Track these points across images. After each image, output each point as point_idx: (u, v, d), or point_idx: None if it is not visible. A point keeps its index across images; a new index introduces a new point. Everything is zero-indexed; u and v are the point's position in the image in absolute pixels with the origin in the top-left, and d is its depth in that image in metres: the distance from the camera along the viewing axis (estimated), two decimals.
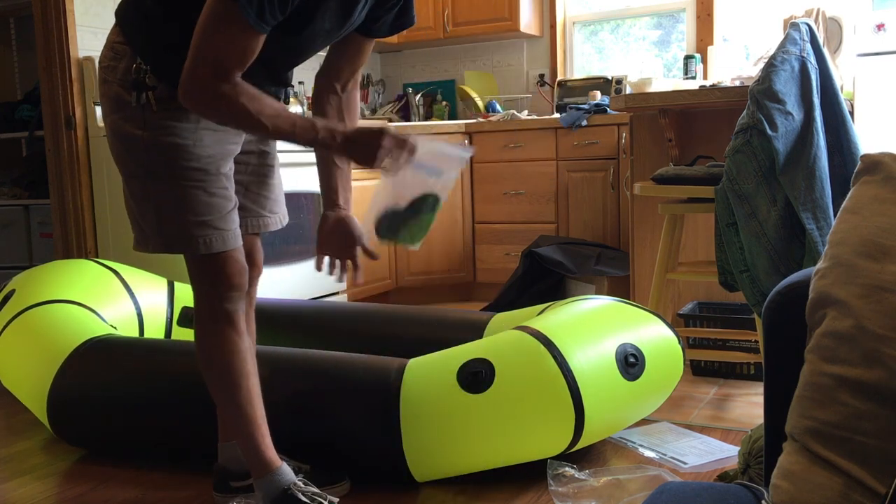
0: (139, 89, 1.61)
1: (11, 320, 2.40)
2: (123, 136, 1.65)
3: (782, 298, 1.13)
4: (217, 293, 1.70)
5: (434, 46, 5.29)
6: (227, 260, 1.69)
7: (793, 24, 2.37)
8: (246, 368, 1.74)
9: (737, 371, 2.88)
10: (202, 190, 1.65)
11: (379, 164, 1.59)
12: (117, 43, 1.65)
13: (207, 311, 1.72)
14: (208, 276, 1.69)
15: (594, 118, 4.12)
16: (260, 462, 1.75)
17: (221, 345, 1.72)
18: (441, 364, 1.97)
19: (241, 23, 1.48)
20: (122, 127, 1.64)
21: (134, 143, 1.64)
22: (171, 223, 1.65)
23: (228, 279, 1.70)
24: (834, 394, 0.96)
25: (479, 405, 1.88)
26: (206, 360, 1.75)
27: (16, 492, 2.05)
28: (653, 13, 4.80)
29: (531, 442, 1.92)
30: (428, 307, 2.85)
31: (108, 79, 1.66)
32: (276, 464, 1.76)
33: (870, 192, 1.06)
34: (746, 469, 1.74)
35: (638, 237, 3.28)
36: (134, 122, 1.63)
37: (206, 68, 1.49)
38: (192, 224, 1.64)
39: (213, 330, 1.72)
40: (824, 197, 2.25)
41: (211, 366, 1.74)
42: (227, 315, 1.72)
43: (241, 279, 1.72)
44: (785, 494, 0.97)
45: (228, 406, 1.75)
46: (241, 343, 1.73)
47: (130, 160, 1.66)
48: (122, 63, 1.63)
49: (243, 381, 1.73)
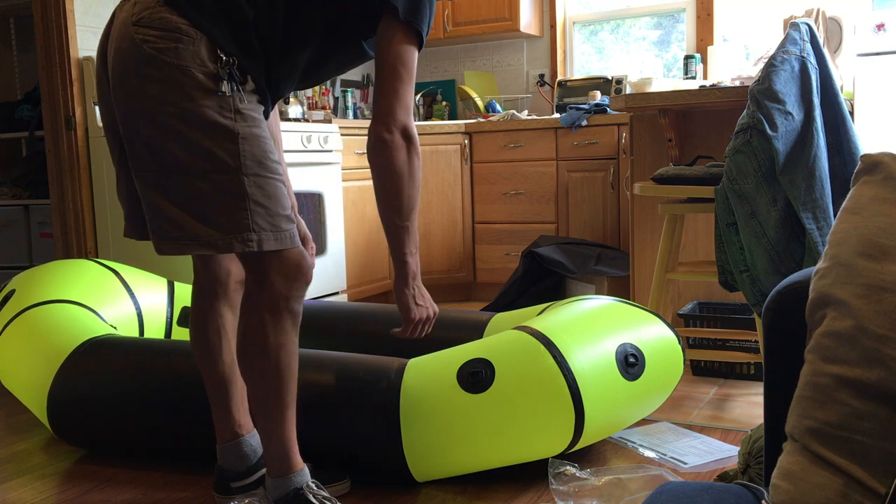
0: (231, 80, 1.55)
1: (11, 320, 2.40)
2: (210, 127, 1.53)
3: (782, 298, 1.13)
4: (292, 289, 1.65)
5: (434, 46, 5.29)
6: (302, 254, 1.66)
7: (793, 24, 2.37)
8: (296, 368, 1.71)
9: (737, 371, 2.88)
10: (282, 183, 1.63)
11: (414, 318, 1.81)
12: (185, 25, 1.53)
13: (277, 306, 1.64)
14: (288, 271, 1.63)
15: (594, 118, 4.12)
16: (287, 461, 1.72)
17: (287, 343, 1.67)
18: (441, 364, 1.97)
19: (416, 58, 1.65)
20: (210, 116, 1.53)
21: (224, 134, 1.54)
22: (261, 217, 1.57)
23: (305, 275, 1.66)
24: (834, 394, 0.96)
25: (479, 405, 1.88)
26: (262, 351, 1.66)
27: (16, 492, 2.05)
28: (653, 13, 4.80)
29: (531, 442, 1.92)
30: None
31: (173, 62, 1.52)
32: (300, 466, 1.74)
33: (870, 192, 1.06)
34: (746, 469, 1.74)
35: (638, 237, 3.28)
36: (224, 112, 1.54)
37: (408, 115, 1.63)
38: (282, 218, 1.60)
39: (281, 326, 1.65)
40: (824, 197, 2.25)
41: (268, 358, 1.66)
42: (296, 315, 1.68)
43: (311, 274, 1.68)
44: (785, 494, 0.97)
45: (274, 401, 1.69)
46: (297, 344, 1.71)
47: (217, 151, 1.54)
48: (193, 47, 1.53)
49: (294, 381, 1.71)
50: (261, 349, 1.66)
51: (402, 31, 1.63)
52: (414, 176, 1.67)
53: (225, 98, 1.54)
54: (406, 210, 1.69)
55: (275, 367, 1.67)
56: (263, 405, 1.70)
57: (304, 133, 3.67)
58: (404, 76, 1.63)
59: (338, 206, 3.88)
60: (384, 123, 1.63)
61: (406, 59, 1.63)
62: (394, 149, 1.64)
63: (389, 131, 1.63)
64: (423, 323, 1.82)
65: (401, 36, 1.63)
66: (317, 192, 3.75)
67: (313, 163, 3.71)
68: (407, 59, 1.64)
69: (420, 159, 1.68)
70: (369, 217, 4.22)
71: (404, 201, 1.68)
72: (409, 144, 1.66)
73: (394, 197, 1.68)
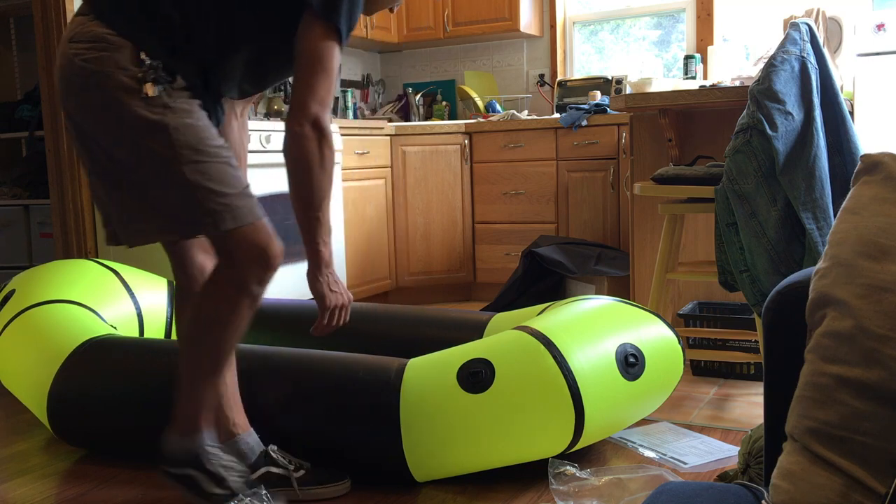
0: (157, 82, 1.62)
1: (11, 320, 2.40)
2: (141, 124, 1.62)
3: (782, 298, 1.13)
4: (255, 271, 1.68)
5: (434, 46, 5.29)
6: (269, 232, 1.70)
7: (793, 24, 2.37)
8: (235, 346, 1.77)
9: (737, 371, 2.88)
10: (229, 164, 1.69)
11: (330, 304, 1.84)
12: (108, 34, 1.63)
13: (238, 285, 1.69)
14: (253, 253, 1.67)
15: (594, 118, 4.12)
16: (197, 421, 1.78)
17: (237, 322, 1.71)
18: (441, 364, 1.97)
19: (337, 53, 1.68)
20: (140, 114, 1.62)
21: (157, 129, 1.62)
22: (210, 199, 1.63)
23: (270, 258, 1.69)
24: (834, 394, 0.96)
25: (479, 405, 1.88)
26: (212, 322, 1.72)
27: (16, 492, 2.05)
28: (653, 13, 4.80)
29: (531, 442, 1.92)
30: (428, 307, 2.85)
31: (98, 69, 1.62)
32: (205, 427, 1.79)
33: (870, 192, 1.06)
34: (746, 469, 1.74)
35: (638, 237, 3.28)
36: (152, 108, 1.62)
37: (322, 108, 1.66)
38: (232, 196, 1.65)
39: (237, 304, 1.70)
40: (824, 197, 2.25)
41: (215, 330, 1.72)
42: (254, 298, 1.72)
43: (280, 257, 1.71)
44: (785, 494, 0.97)
45: (207, 368, 1.76)
46: (245, 325, 1.75)
47: (152, 145, 1.62)
48: (117, 54, 1.62)
49: (231, 356, 1.80)
50: (212, 320, 1.72)
51: (319, 26, 1.67)
52: (325, 167, 1.72)
53: (150, 98, 1.62)
54: (317, 200, 1.73)
55: (219, 339, 1.73)
56: (195, 368, 1.77)
57: None
58: (318, 70, 1.67)
59: (338, 205, 3.88)
60: (296, 117, 1.68)
61: (322, 54, 1.67)
62: (304, 140, 1.68)
63: (300, 124, 1.68)
64: (339, 309, 1.85)
65: (318, 31, 1.67)
66: None
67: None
68: (323, 54, 1.67)
69: (332, 151, 1.72)
70: (369, 217, 4.22)
71: (315, 192, 1.72)
72: (320, 136, 1.69)
73: (305, 187, 1.72)
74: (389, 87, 5.49)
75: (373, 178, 4.26)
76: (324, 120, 1.70)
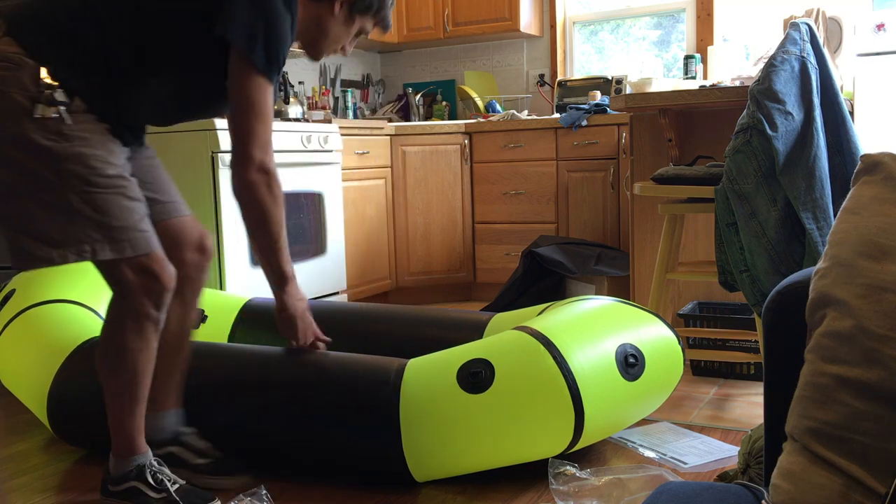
0: (52, 104, 1.63)
1: (11, 320, 2.40)
2: (31, 148, 1.63)
3: (782, 298, 1.13)
4: (149, 296, 1.73)
5: (434, 46, 5.29)
6: (159, 261, 1.74)
7: (793, 24, 2.37)
8: (150, 368, 1.82)
9: (737, 371, 2.88)
10: (123, 195, 1.70)
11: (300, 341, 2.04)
12: (13, 53, 1.63)
13: (137, 313, 1.75)
14: (143, 279, 1.72)
15: (594, 118, 4.12)
16: (133, 444, 1.84)
17: (145, 348, 1.78)
18: (441, 364, 1.97)
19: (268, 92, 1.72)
20: (30, 136, 1.62)
21: (46, 155, 1.63)
22: (93, 229, 1.66)
23: (161, 282, 1.73)
24: (834, 394, 0.96)
25: (479, 405, 1.88)
26: (122, 354, 1.77)
27: (16, 492, 2.05)
28: (653, 13, 4.80)
29: (531, 442, 1.92)
30: (428, 307, 2.85)
31: (2, 89, 1.63)
32: (144, 449, 1.86)
33: (870, 192, 1.06)
34: (746, 469, 1.74)
35: (638, 237, 3.28)
36: (45, 133, 1.62)
37: (264, 152, 1.73)
38: (118, 229, 1.68)
39: (140, 332, 1.76)
40: (824, 197, 2.25)
41: (125, 360, 1.77)
42: (156, 320, 1.77)
43: (172, 282, 1.76)
44: (785, 494, 0.97)
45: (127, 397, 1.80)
46: (156, 346, 1.81)
47: (40, 170, 1.64)
48: (17, 74, 1.62)
49: (147, 380, 1.82)
50: (121, 352, 1.77)
51: (247, 66, 1.69)
52: (277, 203, 1.81)
53: (45, 121, 1.63)
54: (276, 233, 1.85)
55: (132, 368, 1.78)
56: (117, 399, 1.82)
57: (303, 133, 3.67)
58: (252, 116, 1.72)
59: (338, 206, 3.88)
60: (244, 165, 1.75)
61: (253, 95, 1.70)
62: (256, 187, 1.76)
63: (248, 172, 1.75)
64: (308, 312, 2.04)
65: (246, 72, 1.70)
66: (317, 192, 3.75)
67: (313, 163, 3.71)
68: (254, 96, 1.70)
69: (280, 186, 1.81)
70: (369, 217, 4.22)
71: (273, 227, 1.83)
72: (269, 179, 1.78)
73: (264, 225, 1.83)
74: (389, 87, 5.49)
75: (373, 178, 4.26)
76: (269, 164, 1.77)
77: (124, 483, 1.83)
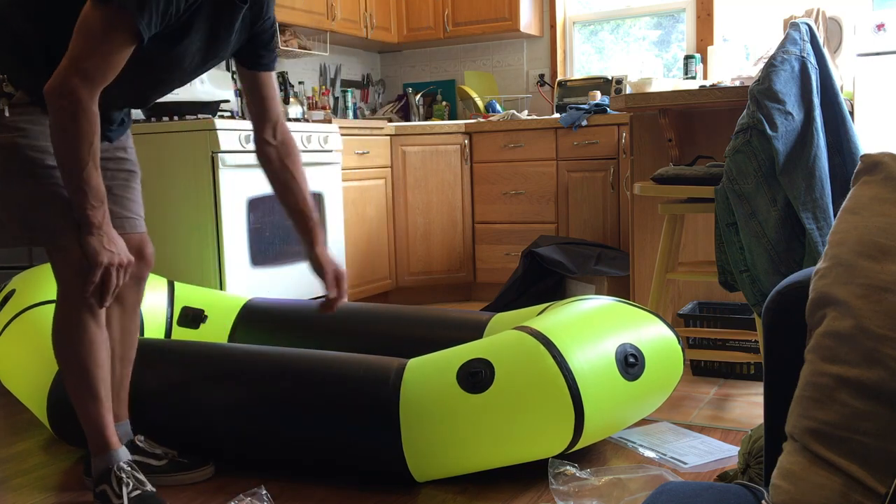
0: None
1: (11, 320, 2.40)
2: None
3: (782, 298, 1.13)
4: (83, 286, 1.73)
5: (434, 46, 5.29)
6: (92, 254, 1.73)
7: (793, 24, 2.37)
8: (101, 357, 1.81)
9: (737, 371, 2.88)
10: (59, 185, 1.72)
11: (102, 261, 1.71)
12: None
13: (71, 302, 1.76)
14: (75, 269, 1.73)
15: (594, 118, 4.12)
16: (104, 440, 1.85)
17: (86, 337, 1.78)
18: (441, 364, 1.97)
19: (124, 31, 1.59)
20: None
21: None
22: (36, 219, 1.73)
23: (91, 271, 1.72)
24: (834, 394, 0.96)
25: (479, 405, 1.88)
26: (65, 344, 1.80)
27: (16, 492, 2.05)
28: (653, 13, 4.80)
29: (531, 442, 1.92)
30: (428, 307, 2.85)
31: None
32: (116, 445, 1.86)
33: (870, 192, 1.06)
34: (746, 469, 1.74)
35: (638, 237, 3.28)
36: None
37: (79, 76, 1.59)
38: (58, 218, 1.72)
39: (77, 321, 1.77)
40: (824, 197, 2.25)
41: (70, 350, 1.79)
42: (92, 309, 1.77)
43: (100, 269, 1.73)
44: (785, 494, 0.97)
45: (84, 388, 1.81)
46: (101, 335, 1.81)
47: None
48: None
49: (101, 370, 1.81)
50: (64, 342, 1.80)
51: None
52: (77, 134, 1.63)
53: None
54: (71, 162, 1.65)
55: (77, 358, 1.79)
56: (75, 391, 1.83)
57: (303, 133, 3.67)
58: (79, 34, 1.60)
59: (337, 206, 3.88)
60: (54, 78, 1.61)
61: (88, 16, 1.60)
62: (56, 107, 1.61)
63: (52, 85, 1.61)
64: (114, 268, 1.72)
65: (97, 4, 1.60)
66: (316, 192, 3.75)
67: (313, 163, 3.71)
68: (89, 17, 1.60)
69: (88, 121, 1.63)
70: (369, 217, 4.22)
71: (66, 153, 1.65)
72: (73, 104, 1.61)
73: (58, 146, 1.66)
74: (389, 87, 5.49)
75: (373, 178, 4.26)
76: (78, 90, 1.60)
77: (100, 485, 1.85)
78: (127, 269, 1.76)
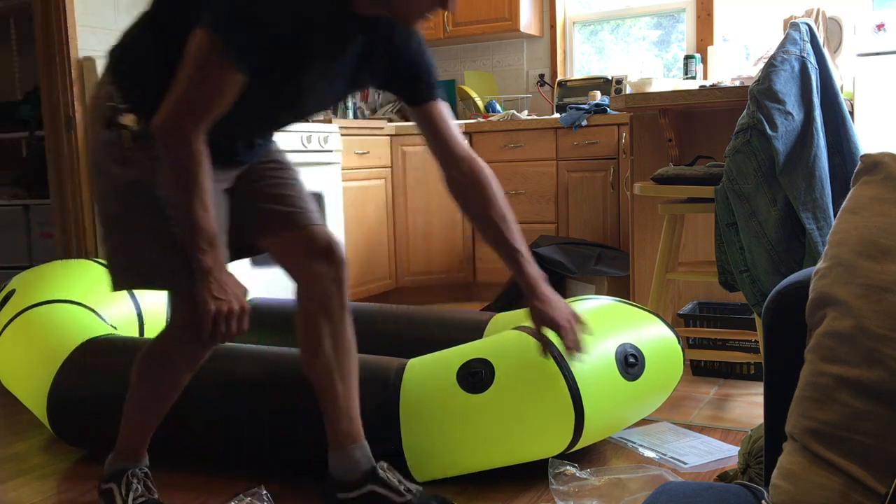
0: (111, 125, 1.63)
1: (11, 320, 2.40)
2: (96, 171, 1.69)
3: (782, 298, 1.13)
4: (182, 337, 1.72)
5: (434, 46, 5.29)
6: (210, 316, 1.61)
7: (793, 24, 2.37)
8: (175, 395, 1.83)
9: (737, 371, 2.88)
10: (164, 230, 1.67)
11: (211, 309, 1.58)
12: (106, 83, 1.67)
13: (170, 344, 1.76)
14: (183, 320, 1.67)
15: (594, 118, 4.12)
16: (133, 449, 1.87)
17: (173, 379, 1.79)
18: (441, 364, 1.97)
19: (225, 65, 1.50)
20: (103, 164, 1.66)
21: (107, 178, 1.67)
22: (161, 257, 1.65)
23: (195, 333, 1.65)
24: (834, 394, 0.96)
25: (479, 405, 1.88)
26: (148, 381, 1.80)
27: (16, 492, 2.05)
28: (653, 13, 4.80)
29: (531, 442, 1.92)
30: (428, 307, 2.85)
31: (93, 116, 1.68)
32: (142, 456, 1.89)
33: (870, 192, 1.06)
34: (746, 469, 1.74)
35: (638, 237, 3.28)
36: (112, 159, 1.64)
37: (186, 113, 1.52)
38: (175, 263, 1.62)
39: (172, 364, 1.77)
40: (824, 197, 2.25)
41: (150, 382, 1.80)
42: (191, 355, 1.76)
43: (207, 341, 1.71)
44: (785, 494, 0.97)
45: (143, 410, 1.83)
46: (186, 379, 1.81)
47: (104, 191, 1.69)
48: (102, 90, 1.67)
49: (166, 404, 1.84)
50: (151, 374, 1.80)
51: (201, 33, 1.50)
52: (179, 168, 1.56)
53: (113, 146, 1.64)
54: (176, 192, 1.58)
55: (156, 394, 1.81)
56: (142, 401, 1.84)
57: (304, 133, 3.67)
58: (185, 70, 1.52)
59: (338, 206, 3.88)
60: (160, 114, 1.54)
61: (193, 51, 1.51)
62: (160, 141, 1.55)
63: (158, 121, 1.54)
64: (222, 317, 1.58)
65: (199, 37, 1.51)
66: (317, 192, 3.75)
67: (313, 163, 3.71)
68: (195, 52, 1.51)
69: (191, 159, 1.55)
70: (369, 217, 4.22)
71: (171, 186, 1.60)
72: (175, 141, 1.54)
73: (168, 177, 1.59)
74: None
75: (373, 178, 4.26)
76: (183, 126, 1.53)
77: (109, 482, 1.85)
78: (242, 317, 1.60)
